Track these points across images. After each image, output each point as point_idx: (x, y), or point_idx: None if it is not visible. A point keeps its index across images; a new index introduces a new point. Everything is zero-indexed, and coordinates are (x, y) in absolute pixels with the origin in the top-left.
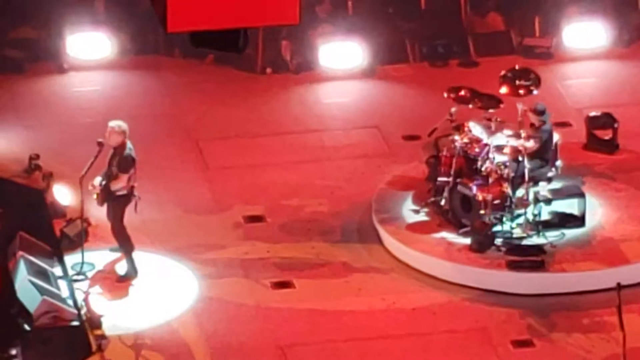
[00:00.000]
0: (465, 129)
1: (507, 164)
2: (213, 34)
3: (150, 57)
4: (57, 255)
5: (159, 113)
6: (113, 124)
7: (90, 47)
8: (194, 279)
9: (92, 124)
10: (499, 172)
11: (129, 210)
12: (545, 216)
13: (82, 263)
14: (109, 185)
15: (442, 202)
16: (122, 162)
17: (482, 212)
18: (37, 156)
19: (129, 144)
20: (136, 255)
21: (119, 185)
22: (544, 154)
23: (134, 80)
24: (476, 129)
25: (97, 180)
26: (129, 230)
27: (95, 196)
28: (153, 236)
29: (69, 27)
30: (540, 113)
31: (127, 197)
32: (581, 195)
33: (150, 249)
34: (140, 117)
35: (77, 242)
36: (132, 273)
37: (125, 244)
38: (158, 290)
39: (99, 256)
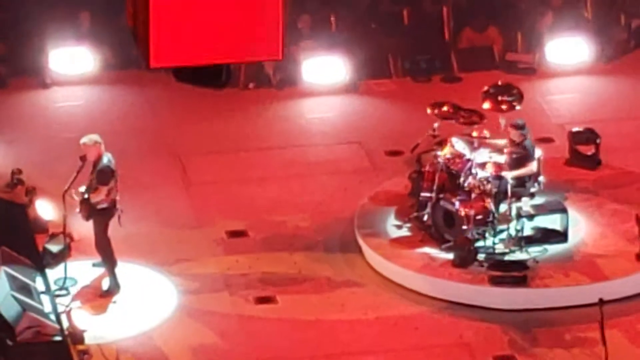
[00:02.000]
0: (448, 144)
1: (490, 179)
2: (195, 69)
3: (133, 72)
4: (39, 270)
5: (141, 128)
6: (85, 139)
7: (72, 61)
8: (176, 293)
9: (75, 139)
10: (481, 187)
11: (112, 224)
12: (527, 232)
13: (65, 278)
14: (89, 198)
15: (425, 218)
16: (100, 175)
17: (464, 227)
18: (20, 171)
19: (108, 156)
20: (119, 268)
21: (99, 198)
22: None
23: (116, 95)
24: (459, 144)
25: (82, 189)
26: (113, 243)
27: (78, 209)
28: (136, 251)
29: (52, 41)
30: (521, 128)
31: (110, 211)
32: (564, 210)
33: (133, 262)
34: (123, 132)
35: (60, 257)
36: (114, 288)
37: (108, 259)
38: (140, 303)
39: (82, 271)
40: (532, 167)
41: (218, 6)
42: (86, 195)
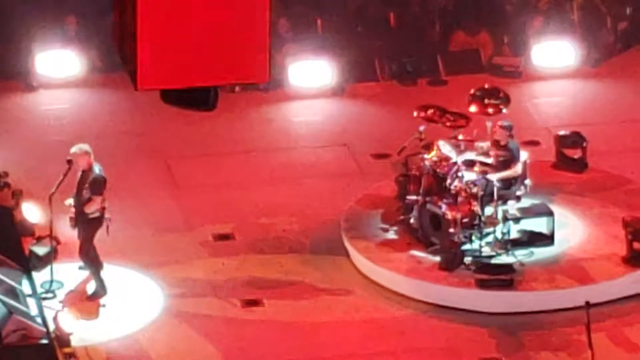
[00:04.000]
0: (435, 147)
1: (477, 182)
2: (183, 92)
3: (120, 75)
4: (25, 273)
5: (128, 131)
6: (75, 149)
7: (59, 64)
8: (162, 296)
9: (62, 142)
10: (468, 190)
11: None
12: (514, 235)
13: (51, 281)
14: (82, 209)
15: (412, 221)
16: (93, 185)
17: (451, 230)
18: (6, 174)
19: (98, 166)
20: (106, 271)
21: (94, 208)
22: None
23: (103, 98)
24: (445, 147)
25: (69, 201)
26: (100, 247)
27: (69, 218)
28: (123, 253)
29: (38, 44)
30: (508, 129)
31: (99, 220)
32: (550, 213)
33: (120, 265)
34: (110, 136)
35: (46, 260)
36: (101, 291)
37: (93, 264)
38: (126, 306)
39: (68, 274)
40: (517, 169)
41: (205, 29)
42: (74, 206)
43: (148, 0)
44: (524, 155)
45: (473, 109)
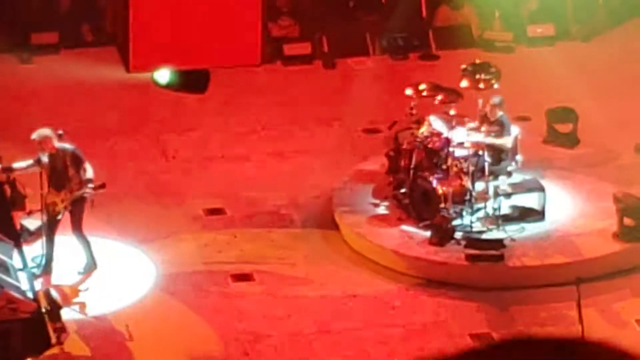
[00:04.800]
0: (426, 122)
1: (467, 157)
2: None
3: (112, 49)
4: (16, 248)
5: (120, 105)
6: (35, 135)
7: (53, 38)
8: (153, 270)
9: (53, 116)
10: (459, 165)
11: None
12: (505, 210)
13: (42, 255)
14: (83, 183)
15: (402, 196)
16: (75, 158)
17: (442, 205)
18: None
19: (64, 143)
20: (96, 245)
21: (91, 172)
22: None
23: (94, 73)
24: (436, 122)
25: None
26: (93, 221)
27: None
28: (114, 227)
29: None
30: (498, 105)
31: (83, 196)
32: (541, 189)
33: (111, 239)
34: (102, 110)
35: (37, 234)
36: (92, 265)
37: (84, 239)
38: (117, 280)
39: (59, 248)
40: (508, 142)
41: (196, 12)
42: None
43: None
44: (515, 130)
45: (464, 84)
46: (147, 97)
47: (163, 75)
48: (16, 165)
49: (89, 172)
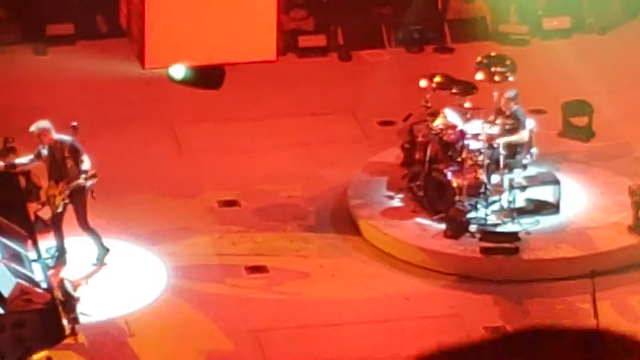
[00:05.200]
0: (441, 115)
1: (482, 150)
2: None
3: (125, 41)
4: (31, 239)
5: (134, 97)
6: (34, 128)
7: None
8: (168, 263)
9: (69, 107)
10: (474, 158)
11: (99, 197)
12: (520, 203)
13: (57, 246)
14: (80, 173)
15: (417, 188)
16: (74, 151)
17: (457, 198)
18: (12, 139)
19: (62, 135)
20: (107, 240)
21: (88, 163)
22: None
23: (108, 64)
24: (451, 115)
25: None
26: (105, 215)
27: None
28: (126, 220)
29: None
30: (513, 98)
31: (84, 186)
32: (556, 182)
33: (124, 233)
34: (115, 101)
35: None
36: (103, 253)
37: (92, 230)
38: (132, 275)
39: (73, 240)
40: (524, 135)
41: (212, 8)
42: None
43: None
44: (530, 123)
45: (480, 76)
46: (161, 89)
47: (178, 71)
48: (18, 161)
49: (86, 163)
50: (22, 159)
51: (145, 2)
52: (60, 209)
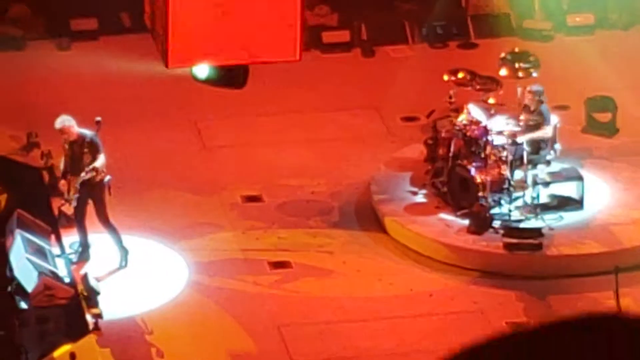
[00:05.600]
0: (464, 111)
1: (506, 146)
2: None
3: (149, 37)
4: (54, 234)
5: (157, 93)
6: (58, 122)
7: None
8: (191, 259)
9: (92, 103)
10: (497, 154)
11: (123, 193)
12: (543, 199)
13: (80, 242)
14: (95, 168)
15: (441, 184)
16: (92, 146)
17: (480, 194)
18: (36, 134)
19: (85, 130)
20: (130, 236)
21: (102, 162)
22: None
23: (132, 60)
24: (475, 111)
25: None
26: (128, 211)
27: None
28: (150, 216)
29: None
30: (538, 94)
31: (102, 181)
32: (580, 178)
33: (147, 229)
34: (139, 98)
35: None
36: (124, 254)
37: (112, 228)
38: (155, 271)
39: (97, 236)
40: (547, 131)
41: (235, 8)
42: (83, 175)
43: None
44: (554, 119)
45: (503, 72)
46: (184, 85)
47: (202, 70)
48: (62, 167)
49: (98, 161)
50: (61, 165)
51: (169, 2)
52: (74, 204)
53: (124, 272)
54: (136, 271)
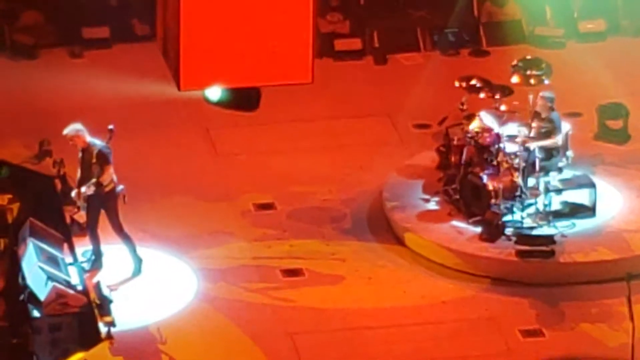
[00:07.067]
0: (477, 118)
1: (518, 153)
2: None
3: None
4: (67, 242)
5: (168, 99)
6: (68, 130)
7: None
8: (203, 266)
9: (104, 110)
10: (509, 161)
11: (135, 201)
12: (555, 206)
13: (93, 250)
14: (99, 182)
15: (453, 191)
16: (100, 157)
17: (492, 201)
18: (48, 142)
19: (96, 139)
20: (143, 245)
21: (108, 178)
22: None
23: (144, 66)
24: (487, 118)
25: (83, 188)
26: (141, 219)
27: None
28: (162, 224)
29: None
30: (550, 100)
31: (114, 191)
32: (592, 185)
33: (159, 237)
34: (150, 104)
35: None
36: (138, 264)
37: (126, 237)
38: (167, 279)
39: (109, 244)
40: (558, 139)
41: (247, 31)
42: (90, 186)
43: (190, 3)
44: (565, 126)
45: (515, 79)
46: (197, 92)
47: (214, 93)
48: (78, 175)
49: (105, 175)
50: (78, 175)
51: (181, 25)
52: (82, 211)
53: (136, 281)
54: (148, 280)
